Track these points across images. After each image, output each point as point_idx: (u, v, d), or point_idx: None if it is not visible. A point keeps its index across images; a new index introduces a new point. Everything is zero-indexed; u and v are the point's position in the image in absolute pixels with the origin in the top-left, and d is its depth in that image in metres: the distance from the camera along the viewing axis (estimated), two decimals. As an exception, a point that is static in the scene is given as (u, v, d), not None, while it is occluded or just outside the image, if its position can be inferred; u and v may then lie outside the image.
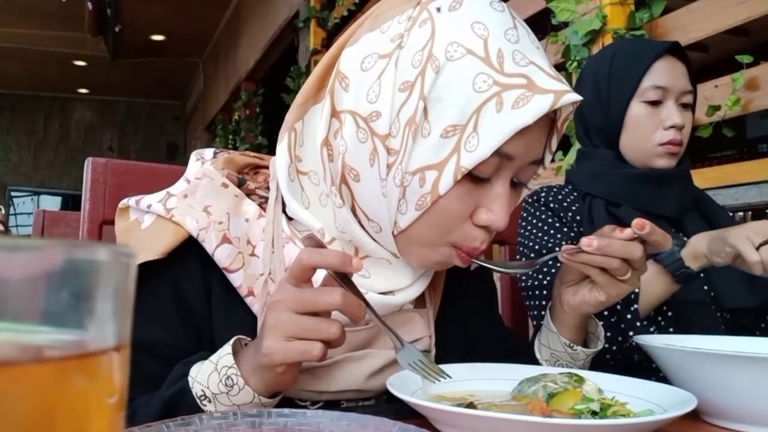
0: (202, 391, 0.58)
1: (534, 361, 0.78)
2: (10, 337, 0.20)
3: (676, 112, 1.14)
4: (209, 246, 0.65)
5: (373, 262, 0.67)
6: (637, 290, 0.99)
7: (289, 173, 0.68)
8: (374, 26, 0.63)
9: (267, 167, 0.76)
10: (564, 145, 2.29)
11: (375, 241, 0.66)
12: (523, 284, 1.16)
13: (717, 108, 1.78)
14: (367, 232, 0.65)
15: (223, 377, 0.57)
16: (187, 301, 0.68)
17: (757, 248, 0.88)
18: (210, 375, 0.58)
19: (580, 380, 0.63)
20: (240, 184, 0.71)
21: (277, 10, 5.21)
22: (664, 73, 1.15)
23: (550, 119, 0.63)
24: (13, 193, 9.84)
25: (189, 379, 0.59)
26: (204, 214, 0.66)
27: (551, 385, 0.63)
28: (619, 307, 1.01)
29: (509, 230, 1.40)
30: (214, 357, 0.60)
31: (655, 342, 0.72)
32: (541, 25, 2.48)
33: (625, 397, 0.61)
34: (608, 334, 1.02)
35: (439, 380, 0.61)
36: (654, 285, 1.00)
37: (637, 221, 0.68)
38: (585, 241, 0.66)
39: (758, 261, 0.88)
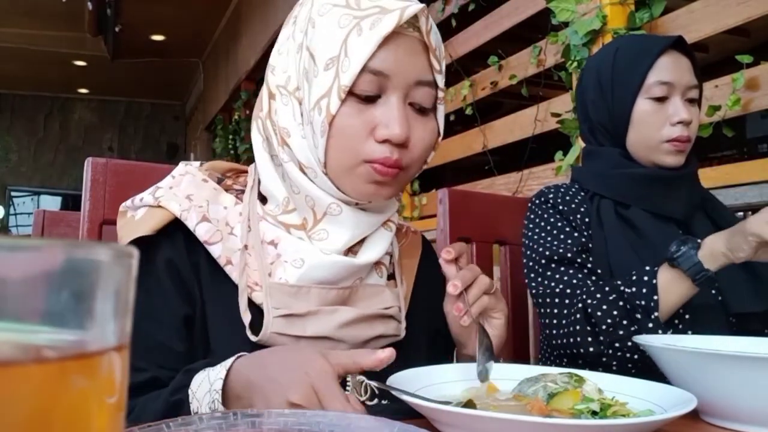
0: (197, 409, 0.61)
1: None
2: (10, 337, 0.20)
3: (682, 107, 1.12)
4: (191, 223, 0.74)
5: (327, 221, 0.76)
6: (655, 297, 0.97)
7: (264, 147, 0.80)
8: (287, 22, 0.80)
9: (247, 172, 0.85)
10: (564, 145, 2.29)
11: (319, 188, 0.74)
12: (533, 291, 1.14)
13: (717, 108, 1.78)
14: (311, 180, 0.74)
15: (210, 402, 0.60)
16: (178, 269, 0.74)
17: None
18: (205, 395, 0.61)
19: (580, 380, 0.63)
20: (219, 182, 0.82)
21: (277, 10, 5.20)
22: (669, 68, 1.13)
23: (420, 41, 0.72)
24: (13, 193, 9.83)
25: (189, 392, 0.62)
26: (186, 200, 0.76)
27: (551, 385, 0.63)
28: (639, 316, 0.98)
29: (510, 231, 1.40)
30: (212, 374, 0.61)
31: (655, 342, 0.72)
32: (541, 25, 2.48)
33: (625, 397, 0.61)
34: (629, 343, 1.00)
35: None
36: (673, 290, 0.97)
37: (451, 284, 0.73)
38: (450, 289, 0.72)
39: None
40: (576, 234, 1.15)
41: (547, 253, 1.13)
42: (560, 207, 1.18)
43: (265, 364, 0.60)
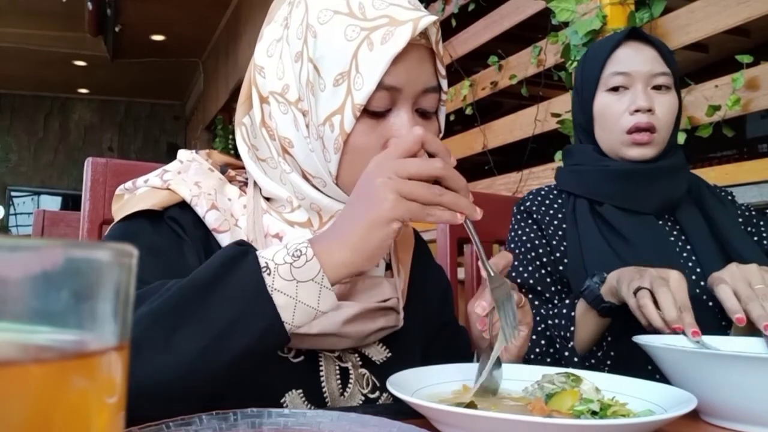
0: (266, 262, 0.59)
1: None
2: (10, 337, 0.20)
3: (641, 95, 1.10)
4: (201, 210, 0.72)
5: None
6: (572, 328, 1.00)
7: (250, 156, 0.78)
8: (270, 20, 0.78)
9: (243, 167, 0.83)
10: (563, 145, 2.28)
11: (327, 195, 0.74)
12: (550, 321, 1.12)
13: (717, 108, 1.78)
14: (318, 189, 0.74)
15: (292, 250, 0.59)
16: (182, 227, 0.72)
17: (635, 294, 0.86)
18: (277, 251, 0.60)
19: (578, 380, 0.63)
20: (222, 173, 0.80)
21: (277, 10, 5.20)
22: (627, 58, 1.12)
23: (427, 48, 0.71)
24: (13, 193, 9.83)
25: (254, 248, 0.61)
26: (195, 186, 0.74)
27: (548, 385, 0.63)
28: (558, 345, 1.02)
29: (506, 231, 1.40)
30: (283, 243, 0.62)
31: (655, 342, 0.72)
32: (541, 25, 2.48)
33: (625, 397, 0.61)
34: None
35: (509, 340, 0.64)
36: (586, 322, 1.00)
37: None
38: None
39: (633, 305, 0.86)
40: (542, 251, 1.14)
41: (521, 269, 1.14)
42: (535, 216, 1.18)
43: (340, 217, 0.64)
